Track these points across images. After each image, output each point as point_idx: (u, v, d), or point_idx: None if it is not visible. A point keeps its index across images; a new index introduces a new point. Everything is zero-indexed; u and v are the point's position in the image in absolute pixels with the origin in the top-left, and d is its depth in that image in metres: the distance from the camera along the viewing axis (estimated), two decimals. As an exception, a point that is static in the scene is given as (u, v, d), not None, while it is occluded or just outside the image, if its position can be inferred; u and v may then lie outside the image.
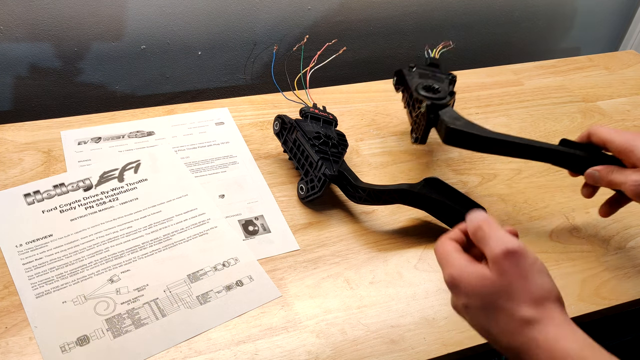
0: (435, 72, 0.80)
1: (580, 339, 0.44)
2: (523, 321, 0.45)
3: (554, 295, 0.46)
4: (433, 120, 0.72)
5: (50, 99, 0.97)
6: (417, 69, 0.80)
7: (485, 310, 0.47)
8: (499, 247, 0.47)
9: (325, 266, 0.67)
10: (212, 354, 0.57)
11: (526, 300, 0.45)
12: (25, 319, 0.58)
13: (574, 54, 1.36)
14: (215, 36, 1.00)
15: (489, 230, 0.48)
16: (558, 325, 0.44)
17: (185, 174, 0.77)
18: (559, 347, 0.43)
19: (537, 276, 0.46)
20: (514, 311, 0.45)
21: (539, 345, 0.44)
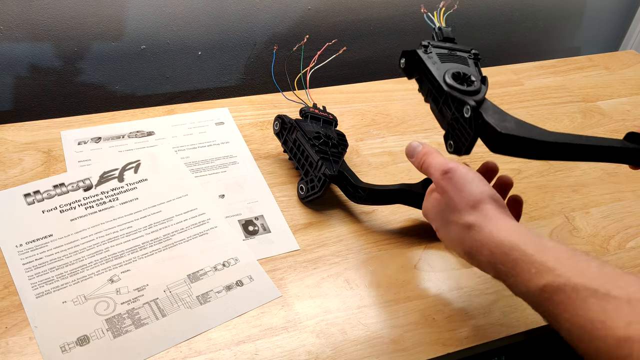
0: (453, 49, 0.65)
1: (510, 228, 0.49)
2: (467, 227, 0.51)
3: (486, 196, 0.52)
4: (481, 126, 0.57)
5: (50, 99, 0.97)
6: (432, 48, 0.65)
7: (445, 227, 0.55)
8: (437, 171, 0.54)
9: (325, 266, 0.67)
10: (212, 354, 0.57)
11: (465, 207, 0.52)
12: (25, 319, 0.58)
13: (574, 54, 1.36)
14: (215, 36, 1.00)
15: (429, 159, 0.57)
16: (492, 222, 0.50)
17: (185, 174, 0.77)
18: (494, 240, 0.49)
19: (469, 185, 0.52)
20: (458, 220, 0.52)
21: (481, 243, 0.50)
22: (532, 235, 0.48)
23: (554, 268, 0.44)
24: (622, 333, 0.39)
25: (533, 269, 0.45)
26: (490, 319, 0.63)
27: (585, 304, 0.41)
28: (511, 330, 0.62)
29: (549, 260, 0.45)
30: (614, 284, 0.41)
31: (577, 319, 0.42)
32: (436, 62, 0.63)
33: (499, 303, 0.65)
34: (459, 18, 1.16)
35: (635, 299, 0.40)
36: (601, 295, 0.41)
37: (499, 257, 0.48)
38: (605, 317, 0.40)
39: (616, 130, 0.94)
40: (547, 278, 0.44)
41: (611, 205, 0.80)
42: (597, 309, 0.41)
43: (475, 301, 0.65)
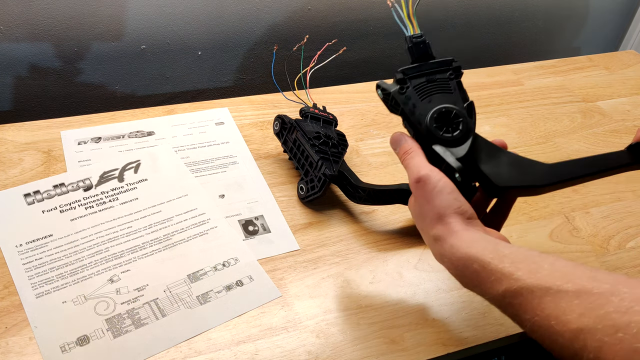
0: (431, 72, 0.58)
1: (471, 240, 0.49)
2: (434, 239, 0.52)
3: (452, 209, 0.51)
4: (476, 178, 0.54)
5: (50, 99, 0.97)
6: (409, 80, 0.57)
7: (420, 231, 0.55)
8: (412, 176, 0.54)
9: (325, 266, 0.67)
10: (212, 354, 0.57)
11: (432, 219, 0.52)
12: (25, 319, 0.58)
13: (574, 54, 1.36)
14: (215, 36, 1.00)
15: (408, 159, 0.56)
16: (455, 235, 0.50)
17: (185, 174, 0.77)
18: (455, 254, 0.49)
19: (437, 196, 0.52)
20: (427, 230, 0.53)
21: (444, 256, 0.51)
22: (492, 243, 0.49)
23: (510, 273, 0.45)
24: (575, 326, 0.40)
25: (492, 276, 0.46)
26: (490, 319, 0.63)
27: (541, 303, 0.43)
28: (511, 330, 0.63)
29: (506, 266, 0.46)
30: (565, 279, 0.43)
31: (537, 318, 0.43)
32: (416, 103, 0.56)
33: (499, 303, 0.65)
34: (459, 18, 1.16)
35: (584, 291, 0.41)
36: (554, 292, 0.42)
37: (461, 269, 0.49)
38: (559, 312, 0.41)
39: (616, 130, 0.94)
40: (506, 284, 0.45)
41: (611, 205, 0.80)
42: (552, 305, 0.42)
43: (476, 301, 0.65)
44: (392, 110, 0.58)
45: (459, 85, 0.58)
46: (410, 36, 0.59)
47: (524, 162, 0.55)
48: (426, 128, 0.55)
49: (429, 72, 0.58)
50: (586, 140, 0.92)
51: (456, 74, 0.59)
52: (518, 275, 0.45)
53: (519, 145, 0.89)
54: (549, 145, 0.90)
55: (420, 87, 0.57)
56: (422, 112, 0.56)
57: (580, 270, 0.43)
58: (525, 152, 0.88)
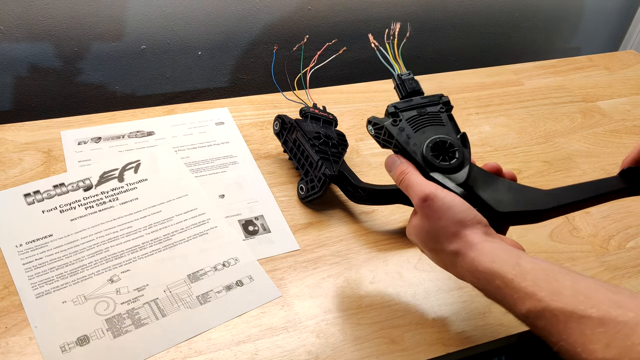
0: (422, 106, 0.59)
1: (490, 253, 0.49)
2: (452, 255, 0.51)
3: (467, 221, 0.51)
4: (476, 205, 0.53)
5: (50, 99, 0.97)
6: (401, 112, 0.58)
7: (431, 252, 0.54)
8: (416, 195, 0.53)
9: (325, 266, 0.67)
10: (212, 354, 0.57)
11: (446, 236, 0.51)
12: (25, 319, 0.58)
13: (574, 54, 1.36)
14: (215, 36, 1.00)
15: (408, 179, 0.54)
16: (474, 248, 0.50)
17: (185, 174, 0.77)
18: (477, 268, 0.49)
19: (448, 211, 0.51)
20: (444, 249, 0.51)
21: (466, 270, 0.50)
22: (513, 256, 0.48)
23: (533, 293, 0.45)
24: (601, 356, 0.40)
25: (515, 294, 0.46)
26: (490, 319, 0.63)
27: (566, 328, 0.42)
28: (511, 330, 0.63)
29: (528, 284, 0.45)
30: (589, 303, 0.42)
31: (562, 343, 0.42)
32: (409, 134, 0.56)
33: (499, 303, 0.65)
34: (459, 18, 1.16)
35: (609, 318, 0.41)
36: (578, 318, 0.42)
37: (484, 284, 0.49)
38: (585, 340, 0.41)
39: (616, 130, 0.94)
40: (529, 304, 0.45)
41: (611, 205, 0.80)
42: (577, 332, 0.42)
43: (476, 301, 0.65)
44: (385, 144, 0.58)
45: (450, 117, 0.59)
46: (399, 75, 0.61)
47: (521, 188, 0.55)
48: (423, 157, 0.55)
49: (420, 105, 0.59)
50: (586, 140, 0.92)
51: (446, 107, 0.59)
52: (541, 296, 0.44)
53: (519, 145, 0.89)
54: (549, 145, 0.90)
55: (412, 119, 0.57)
56: (417, 142, 0.56)
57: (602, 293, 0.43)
58: (525, 152, 0.88)
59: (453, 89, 0.99)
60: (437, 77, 1.03)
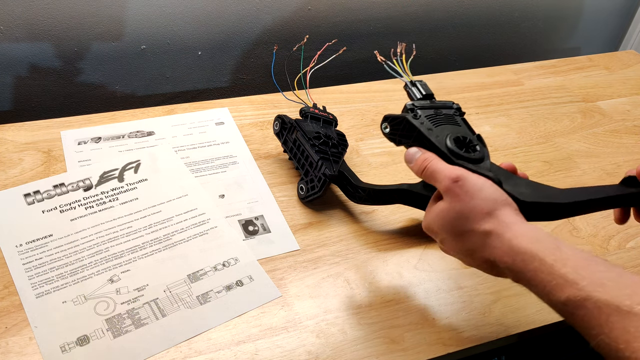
0: (436, 107, 0.61)
1: (529, 234, 0.48)
2: (484, 234, 0.49)
3: (501, 202, 0.50)
4: None
5: (50, 99, 0.97)
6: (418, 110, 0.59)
7: (455, 238, 0.52)
8: (446, 178, 0.52)
9: (325, 266, 0.67)
10: (212, 354, 0.57)
11: (479, 215, 0.50)
12: (25, 319, 0.58)
13: (574, 54, 1.36)
14: (215, 36, 1.00)
15: (432, 165, 0.54)
16: (510, 228, 0.48)
17: (185, 174, 0.77)
18: (514, 248, 0.47)
19: (482, 192, 0.50)
20: (474, 228, 0.50)
21: (501, 250, 0.48)
22: (551, 240, 0.47)
23: (575, 281, 0.43)
24: None
25: (553, 280, 0.44)
26: (490, 319, 0.63)
27: (608, 322, 0.41)
28: (511, 330, 0.63)
29: (569, 272, 0.44)
30: (635, 299, 0.41)
31: (602, 336, 0.41)
32: (430, 127, 0.57)
33: (498, 303, 0.65)
34: (459, 18, 1.16)
35: None
36: (624, 313, 0.41)
37: (519, 265, 0.47)
38: (629, 337, 0.40)
39: (616, 130, 0.94)
40: (568, 292, 0.43)
41: (611, 205, 0.80)
42: (620, 327, 0.40)
43: (475, 301, 0.65)
44: (402, 139, 0.59)
45: (464, 121, 0.61)
46: (412, 81, 0.64)
47: (539, 185, 0.56)
48: (447, 148, 0.56)
49: (436, 106, 0.61)
50: (586, 140, 0.92)
51: (460, 112, 0.62)
52: (583, 285, 0.43)
53: (519, 145, 0.89)
54: (549, 145, 0.90)
55: (430, 117, 0.59)
56: (439, 135, 0.57)
57: None
58: (525, 152, 0.88)
59: (453, 89, 0.99)
60: (437, 77, 1.03)
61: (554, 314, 0.46)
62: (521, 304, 0.65)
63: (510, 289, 0.66)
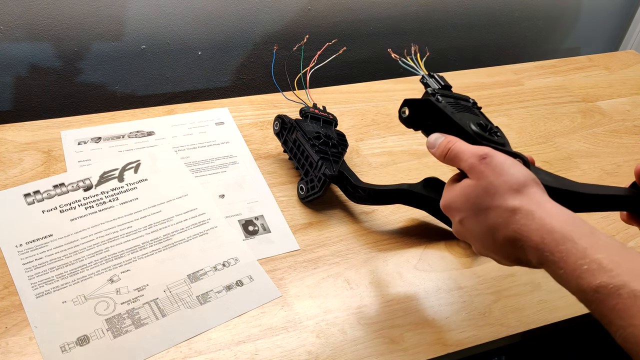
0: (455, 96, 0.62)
1: (562, 215, 0.46)
2: (511, 211, 0.47)
3: (530, 180, 0.49)
4: None
5: (50, 99, 0.97)
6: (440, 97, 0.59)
7: (477, 215, 0.50)
8: (473, 156, 0.50)
9: (325, 266, 0.67)
10: (212, 354, 0.57)
11: (508, 191, 0.48)
12: (25, 319, 0.58)
13: (574, 54, 1.36)
14: (215, 36, 1.00)
15: (457, 147, 0.53)
16: (541, 206, 0.47)
17: (185, 174, 0.77)
18: (546, 227, 0.45)
19: (510, 169, 0.49)
20: (500, 204, 0.48)
21: (530, 228, 0.46)
22: (584, 224, 0.45)
23: (609, 268, 0.41)
24: None
25: (585, 265, 0.42)
26: (490, 319, 0.63)
27: None
28: (511, 330, 0.62)
29: (603, 258, 0.42)
30: None
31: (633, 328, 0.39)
32: (453, 112, 0.57)
33: (498, 303, 0.65)
34: (459, 18, 1.16)
35: None
36: None
37: (548, 244, 0.45)
38: None
39: (616, 130, 0.94)
40: (601, 278, 0.41)
41: (611, 205, 0.80)
42: None
43: (475, 301, 0.65)
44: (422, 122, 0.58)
45: (482, 113, 0.60)
46: (430, 73, 0.63)
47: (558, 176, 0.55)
48: (473, 130, 0.55)
49: (454, 97, 0.60)
50: (586, 140, 0.92)
51: (476, 107, 0.61)
52: (618, 272, 0.41)
53: (519, 145, 0.89)
54: (549, 145, 0.90)
55: (451, 104, 0.58)
56: (462, 118, 0.56)
57: None
58: (525, 152, 0.87)
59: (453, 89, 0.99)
60: (437, 77, 1.03)
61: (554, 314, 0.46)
62: (521, 304, 0.65)
63: (510, 289, 0.66)
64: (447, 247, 0.70)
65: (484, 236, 0.50)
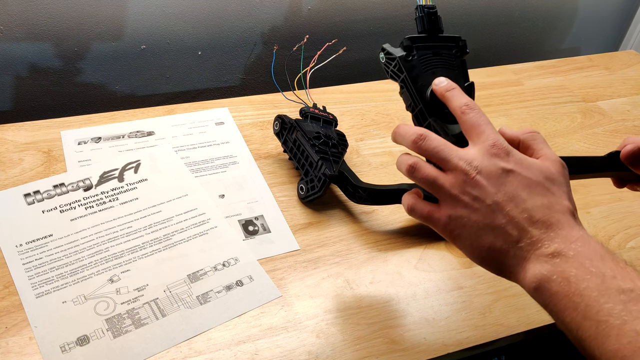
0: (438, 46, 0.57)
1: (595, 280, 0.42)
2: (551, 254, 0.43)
3: None
4: None
5: (50, 99, 0.97)
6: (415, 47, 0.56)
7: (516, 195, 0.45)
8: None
9: (325, 266, 0.67)
10: (212, 354, 0.57)
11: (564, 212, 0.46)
12: (25, 319, 0.58)
13: (574, 54, 1.36)
14: (215, 36, 1.00)
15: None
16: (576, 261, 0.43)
17: (185, 174, 0.77)
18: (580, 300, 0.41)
19: None
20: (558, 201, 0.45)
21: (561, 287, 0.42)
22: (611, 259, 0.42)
23: None
24: None
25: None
26: (490, 319, 0.63)
27: None
28: (511, 330, 0.63)
29: None
30: None
31: None
32: (419, 73, 0.54)
33: (499, 303, 0.65)
34: (459, 18, 1.16)
35: None
36: None
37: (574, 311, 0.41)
38: None
39: (616, 130, 0.94)
40: None
41: (611, 205, 0.80)
42: None
43: (475, 301, 0.65)
44: (392, 77, 0.57)
45: (462, 64, 0.57)
46: (423, 6, 0.58)
47: None
48: (424, 101, 0.53)
49: (436, 45, 0.56)
50: (586, 140, 0.92)
51: (461, 52, 0.57)
52: None
53: (519, 145, 0.89)
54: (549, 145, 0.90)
55: (425, 58, 0.55)
56: (424, 83, 0.54)
57: None
58: (525, 152, 0.88)
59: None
60: (437, 77, 1.03)
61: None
62: (521, 304, 0.65)
63: (510, 289, 0.66)
64: (447, 247, 0.70)
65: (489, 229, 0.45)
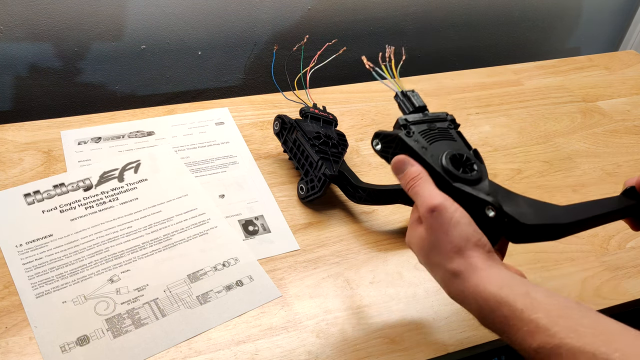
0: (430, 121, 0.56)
1: (497, 280, 0.46)
2: (452, 274, 0.48)
3: (473, 241, 0.48)
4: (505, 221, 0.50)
5: (50, 99, 0.97)
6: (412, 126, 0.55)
7: (428, 266, 0.51)
8: (424, 204, 0.49)
9: (325, 266, 0.67)
10: (212, 354, 0.57)
11: (450, 252, 0.48)
12: (25, 319, 0.58)
13: (574, 54, 1.36)
14: (215, 36, 1.00)
15: (418, 186, 0.51)
16: (478, 272, 0.47)
17: (185, 174, 0.77)
18: (481, 295, 0.46)
19: (455, 228, 0.48)
20: (444, 264, 0.48)
21: (466, 294, 0.47)
22: (522, 285, 0.45)
23: (546, 327, 0.41)
24: None
25: (525, 327, 0.42)
26: (490, 319, 0.63)
27: None
28: (511, 330, 0.62)
29: (540, 317, 0.42)
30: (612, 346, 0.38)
31: None
32: (424, 145, 0.53)
33: (499, 303, 0.65)
34: (459, 18, 1.16)
35: None
36: None
37: (487, 312, 0.45)
38: None
39: (616, 130, 0.94)
40: (540, 339, 0.41)
41: (611, 205, 0.80)
42: None
43: (475, 301, 0.65)
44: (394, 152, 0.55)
45: (459, 134, 0.57)
46: (403, 91, 0.59)
47: (541, 204, 0.53)
48: (443, 168, 0.52)
49: (429, 120, 0.56)
50: (586, 140, 0.92)
51: (454, 125, 0.58)
52: (555, 330, 0.41)
53: (519, 145, 0.89)
54: (549, 145, 0.90)
55: (424, 132, 0.55)
56: (434, 154, 0.53)
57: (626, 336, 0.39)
58: (525, 152, 0.88)
59: (453, 89, 0.99)
60: (437, 77, 1.03)
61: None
62: (521, 304, 0.65)
63: (510, 289, 0.66)
64: (447, 247, 0.70)
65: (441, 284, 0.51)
